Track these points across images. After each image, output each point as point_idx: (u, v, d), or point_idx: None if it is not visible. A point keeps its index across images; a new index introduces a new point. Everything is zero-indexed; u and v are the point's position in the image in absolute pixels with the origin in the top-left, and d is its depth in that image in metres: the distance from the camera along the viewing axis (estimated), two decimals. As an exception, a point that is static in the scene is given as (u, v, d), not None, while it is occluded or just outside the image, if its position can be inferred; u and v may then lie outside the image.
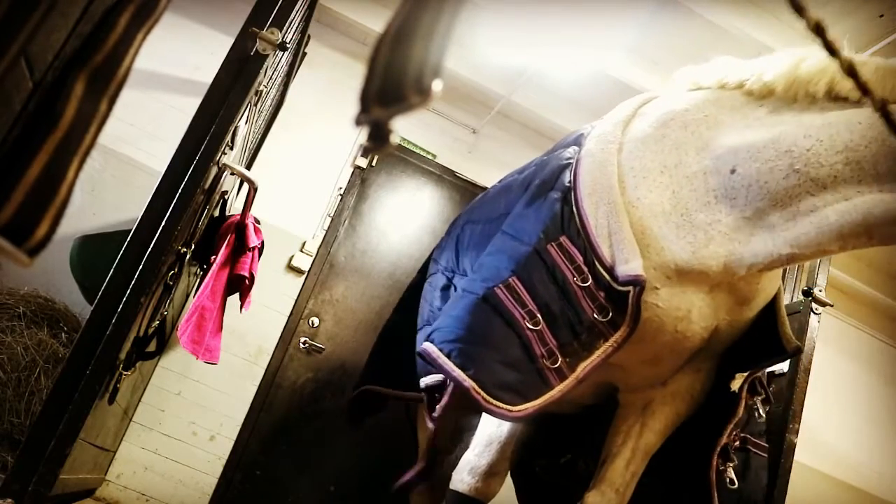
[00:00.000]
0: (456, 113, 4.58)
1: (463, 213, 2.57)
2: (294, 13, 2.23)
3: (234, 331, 3.65)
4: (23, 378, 2.56)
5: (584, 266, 1.65)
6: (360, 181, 4.25)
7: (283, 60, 2.92)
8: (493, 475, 2.13)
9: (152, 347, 2.44)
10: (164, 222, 1.86)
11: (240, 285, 2.58)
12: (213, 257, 2.54)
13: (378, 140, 0.48)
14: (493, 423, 2.22)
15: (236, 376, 3.77)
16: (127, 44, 0.59)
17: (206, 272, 2.59)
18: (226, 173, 2.36)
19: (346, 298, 4.07)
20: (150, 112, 3.78)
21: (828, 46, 0.67)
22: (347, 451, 3.84)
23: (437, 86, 0.47)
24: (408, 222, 4.30)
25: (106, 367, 1.79)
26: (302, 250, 4.01)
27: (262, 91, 2.42)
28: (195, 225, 2.23)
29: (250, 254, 2.55)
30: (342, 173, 4.22)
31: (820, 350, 3.18)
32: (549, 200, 1.78)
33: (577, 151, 1.88)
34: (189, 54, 3.92)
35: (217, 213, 2.73)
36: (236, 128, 2.10)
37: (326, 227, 4.10)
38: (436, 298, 2.37)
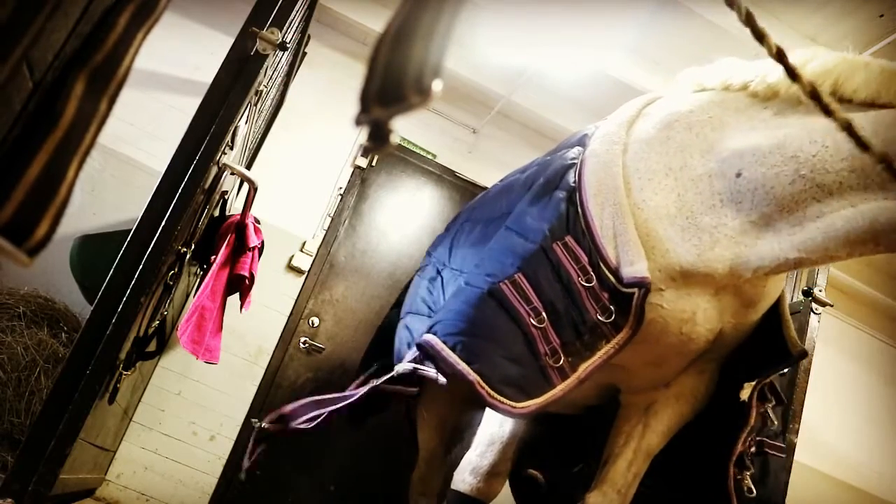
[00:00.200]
0: (456, 113, 4.58)
1: (463, 211, 2.56)
2: (294, 13, 2.23)
3: (234, 331, 3.65)
4: (23, 378, 2.56)
5: (588, 266, 1.65)
6: (360, 181, 4.25)
7: (283, 60, 2.92)
8: (495, 475, 2.13)
9: (152, 347, 2.43)
10: (164, 222, 1.86)
11: (240, 285, 2.58)
12: (213, 257, 2.54)
13: (378, 140, 0.48)
14: (495, 423, 2.22)
15: (236, 376, 3.77)
16: (127, 43, 0.59)
17: (206, 272, 2.59)
18: (226, 173, 2.36)
19: (346, 298, 4.07)
20: (150, 112, 3.78)
21: (789, 71, 0.66)
22: (347, 451, 3.85)
23: (437, 86, 0.47)
24: (408, 222, 4.30)
25: (106, 367, 1.79)
26: (302, 250, 4.01)
27: (262, 91, 2.42)
28: (195, 225, 2.23)
29: (250, 254, 2.55)
30: (342, 173, 4.22)
31: (820, 350, 3.18)
32: (555, 200, 1.78)
33: (581, 152, 1.88)
34: (189, 54, 3.92)
35: (217, 213, 2.73)
36: (236, 128, 2.10)
37: (326, 227, 4.10)
38: (422, 288, 2.36)
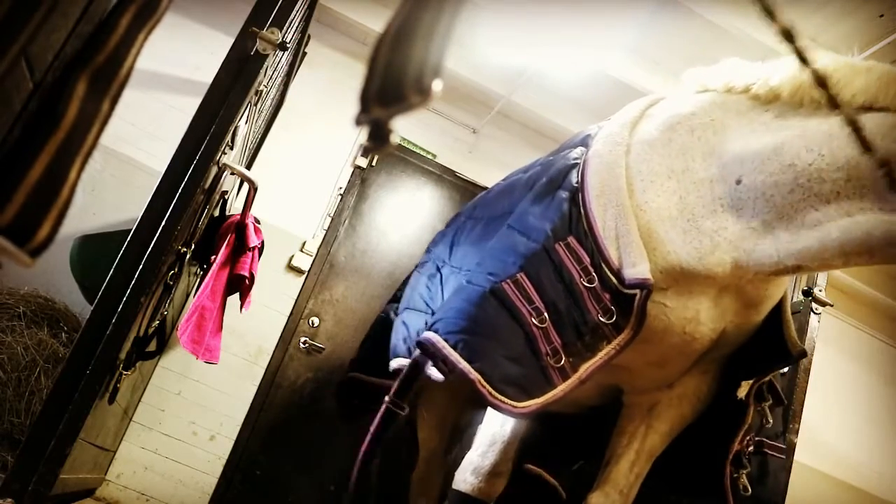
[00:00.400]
0: (456, 113, 4.58)
1: (464, 209, 2.55)
2: (294, 13, 2.23)
3: (234, 331, 3.65)
4: (23, 378, 2.56)
5: (591, 267, 1.65)
6: (360, 181, 4.25)
7: (283, 60, 2.92)
8: (496, 475, 2.13)
9: (152, 347, 2.44)
10: (164, 222, 1.86)
11: (240, 285, 2.58)
12: (213, 257, 2.54)
13: (378, 140, 0.48)
14: (497, 423, 2.22)
15: (236, 376, 3.77)
16: (128, 44, 0.59)
17: (206, 272, 2.59)
18: (226, 173, 2.36)
19: (346, 298, 4.07)
20: (150, 112, 3.78)
21: (798, 53, 0.66)
22: (347, 451, 3.84)
23: (437, 86, 0.47)
24: (408, 222, 4.30)
25: (106, 366, 1.79)
26: (302, 250, 4.01)
27: (262, 91, 2.42)
28: (195, 225, 2.23)
29: (250, 254, 2.55)
30: (342, 173, 4.22)
31: (820, 350, 3.18)
32: (557, 199, 1.78)
33: (584, 152, 1.88)
34: (189, 54, 3.92)
35: (217, 212, 2.73)
36: (236, 128, 2.10)
37: (326, 227, 4.10)
38: (420, 284, 2.36)
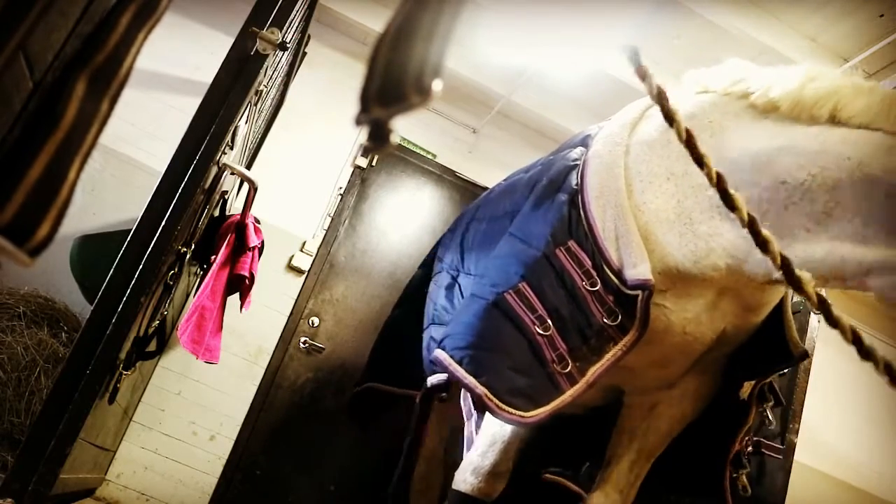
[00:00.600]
0: (456, 113, 4.58)
1: (467, 211, 2.56)
2: (294, 13, 2.23)
3: (234, 331, 3.65)
4: (23, 378, 2.56)
5: (592, 270, 1.65)
6: (360, 181, 4.25)
7: (283, 60, 2.92)
8: (496, 475, 2.13)
9: (152, 347, 2.43)
10: (164, 222, 1.86)
11: (240, 285, 2.58)
12: (213, 257, 2.54)
13: (378, 140, 0.48)
14: (497, 423, 2.22)
15: (236, 376, 3.77)
16: (128, 44, 0.59)
17: (206, 272, 2.59)
18: (226, 173, 2.36)
19: (346, 298, 4.07)
20: (150, 112, 3.78)
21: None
22: (347, 451, 3.84)
23: (437, 85, 0.47)
24: (408, 222, 4.30)
25: (106, 366, 1.79)
26: (302, 250, 4.01)
27: (262, 91, 2.42)
28: (195, 225, 2.23)
29: (250, 253, 2.55)
30: (342, 173, 4.22)
31: (820, 350, 3.18)
32: (557, 203, 1.78)
33: (583, 152, 1.88)
34: (189, 54, 3.92)
35: (217, 212, 2.73)
36: (236, 128, 2.10)
37: (326, 227, 4.10)
38: (440, 297, 2.37)
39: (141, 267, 1.82)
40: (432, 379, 1.79)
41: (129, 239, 1.86)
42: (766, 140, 1.59)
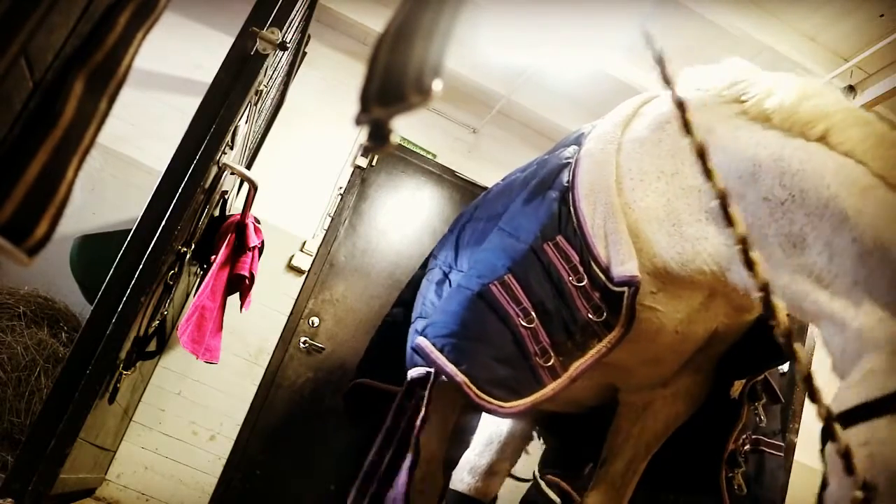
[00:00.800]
0: (456, 113, 4.58)
1: (466, 211, 2.56)
2: (294, 13, 2.23)
3: (234, 331, 3.65)
4: (23, 378, 2.56)
5: (579, 266, 1.65)
6: (361, 181, 4.25)
7: (283, 60, 2.92)
8: (493, 474, 2.13)
9: (152, 347, 2.43)
10: (164, 222, 1.85)
11: (240, 285, 2.58)
12: (213, 257, 2.54)
13: (378, 140, 0.48)
14: (493, 423, 2.22)
15: (236, 376, 3.77)
16: (127, 43, 0.59)
17: (206, 272, 2.59)
18: (226, 173, 2.36)
19: (346, 298, 4.07)
20: (150, 111, 3.78)
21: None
22: (347, 451, 3.84)
23: (437, 85, 0.47)
24: (408, 222, 4.30)
25: (106, 366, 1.79)
26: (302, 250, 4.01)
27: (262, 91, 2.42)
28: (195, 225, 2.23)
29: (250, 253, 2.55)
30: (342, 173, 4.22)
31: (820, 349, 3.17)
32: (548, 200, 1.78)
33: (576, 151, 1.88)
34: (189, 54, 3.92)
35: (217, 212, 2.73)
36: (236, 127, 2.10)
37: (326, 227, 4.10)
38: (430, 292, 2.37)
39: (141, 267, 1.82)
40: (412, 372, 1.77)
41: (129, 239, 1.86)
42: (753, 148, 1.55)
